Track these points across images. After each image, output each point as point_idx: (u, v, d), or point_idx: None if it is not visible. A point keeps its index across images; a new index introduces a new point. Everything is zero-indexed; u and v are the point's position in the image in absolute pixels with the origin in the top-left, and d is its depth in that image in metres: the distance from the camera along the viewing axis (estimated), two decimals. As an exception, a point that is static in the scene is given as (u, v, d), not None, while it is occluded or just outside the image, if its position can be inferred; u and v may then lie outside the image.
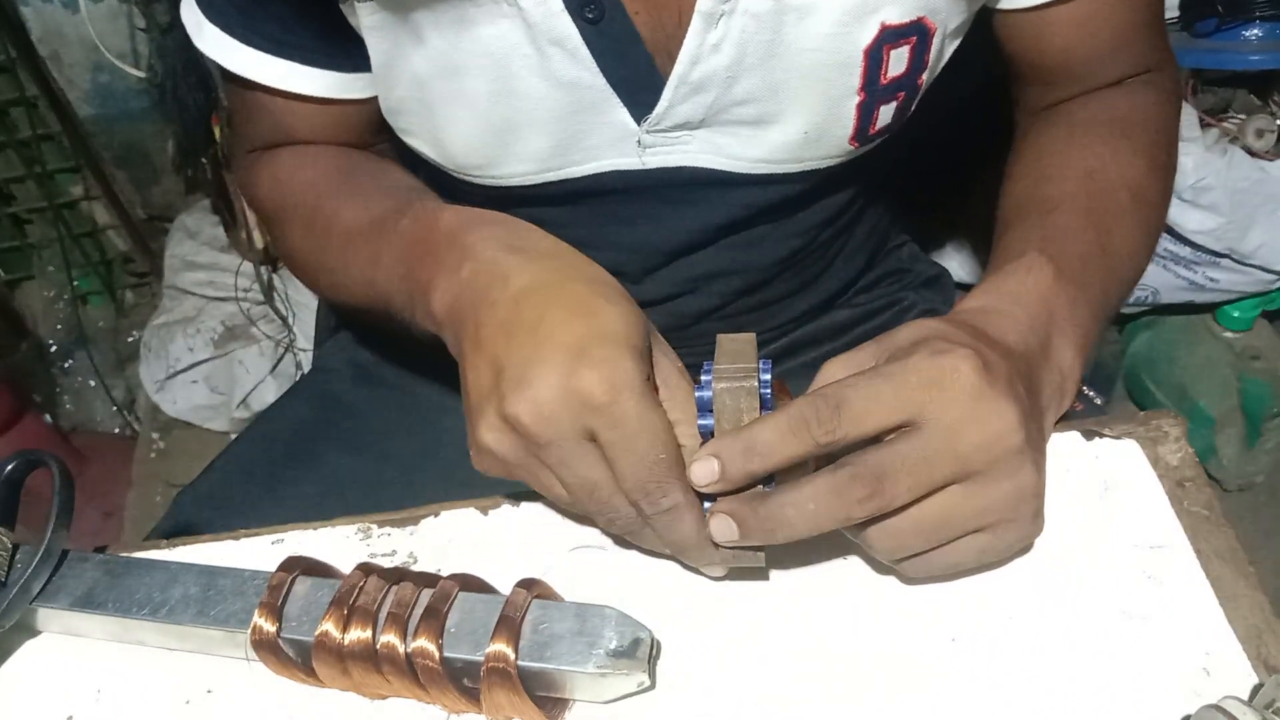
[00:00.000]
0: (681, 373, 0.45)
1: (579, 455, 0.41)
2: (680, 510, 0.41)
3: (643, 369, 0.41)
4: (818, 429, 0.38)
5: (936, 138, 0.68)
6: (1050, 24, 0.56)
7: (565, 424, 0.40)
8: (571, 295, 0.43)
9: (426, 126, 0.56)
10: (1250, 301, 1.39)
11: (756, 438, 0.39)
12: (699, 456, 0.40)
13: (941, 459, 0.39)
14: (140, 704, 0.45)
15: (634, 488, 0.41)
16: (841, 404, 0.39)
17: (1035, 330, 0.45)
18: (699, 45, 0.50)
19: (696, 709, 0.42)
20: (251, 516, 0.60)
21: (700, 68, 0.51)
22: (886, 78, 0.53)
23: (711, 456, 0.40)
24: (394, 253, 0.51)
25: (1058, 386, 0.46)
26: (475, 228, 0.48)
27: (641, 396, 0.40)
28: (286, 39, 0.57)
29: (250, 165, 0.66)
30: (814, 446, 0.39)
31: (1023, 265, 0.48)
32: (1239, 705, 0.36)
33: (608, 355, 0.40)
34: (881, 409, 0.39)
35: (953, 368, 0.39)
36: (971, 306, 0.47)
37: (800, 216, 0.64)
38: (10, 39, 1.47)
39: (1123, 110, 0.59)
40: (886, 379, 0.39)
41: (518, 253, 0.45)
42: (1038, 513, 0.43)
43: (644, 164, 0.56)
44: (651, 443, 0.40)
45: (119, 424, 1.71)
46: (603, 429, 0.40)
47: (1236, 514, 1.41)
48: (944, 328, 0.42)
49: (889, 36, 0.51)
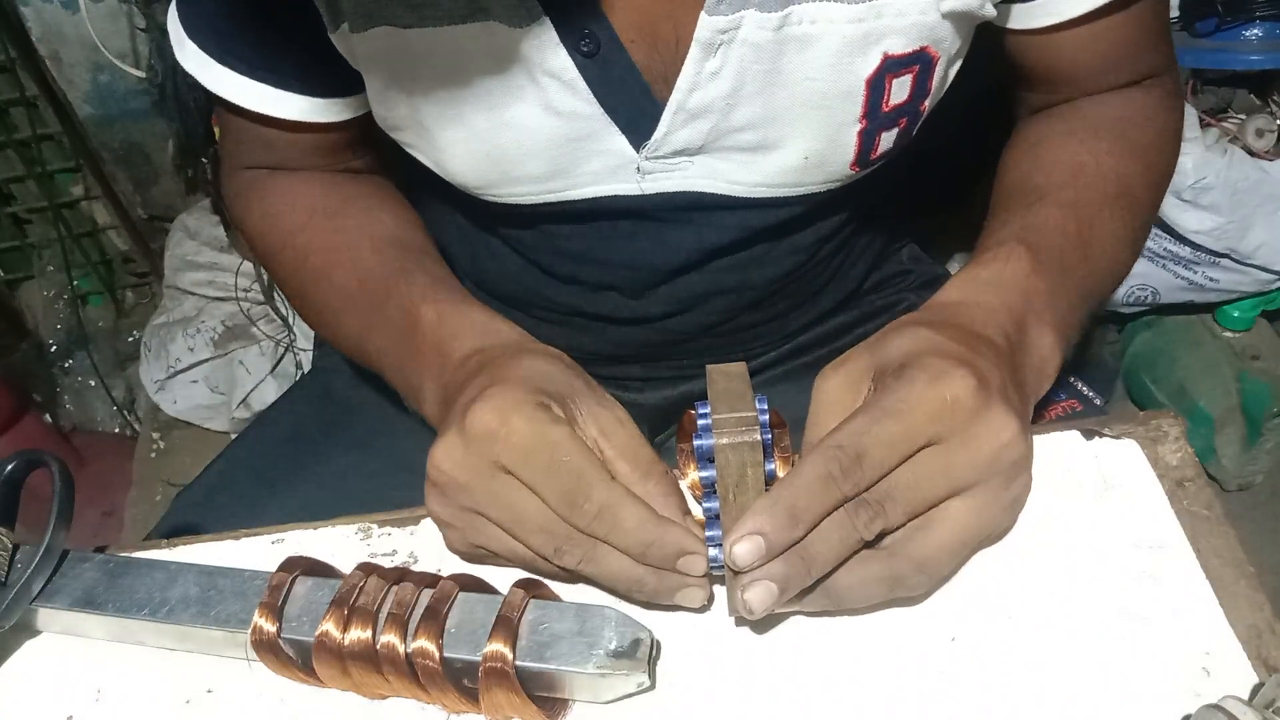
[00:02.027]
0: (621, 421, 0.46)
1: (497, 487, 0.43)
2: (612, 509, 0.41)
3: (537, 399, 0.43)
4: (845, 484, 0.40)
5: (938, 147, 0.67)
6: (1058, 42, 0.56)
7: (473, 461, 0.43)
8: (491, 369, 0.46)
9: (426, 146, 0.56)
10: (1250, 301, 1.38)
11: (794, 505, 0.39)
12: (738, 537, 0.39)
13: (947, 477, 0.41)
14: (140, 704, 0.45)
15: (556, 498, 0.42)
16: (862, 455, 0.40)
17: (1013, 318, 0.46)
18: (697, 73, 0.49)
19: (696, 709, 0.42)
20: (251, 516, 0.60)
21: (698, 95, 0.50)
22: (889, 106, 0.52)
23: (754, 534, 0.39)
24: (382, 339, 0.56)
25: (1038, 371, 0.47)
26: (452, 333, 0.51)
27: (531, 416, 0.42)
28: (264, 63, 0.57)
29: (240, 191, 0.66)
30: (843, 499, 0.40)
31: (1001, 254, 0.49)
32: (1239, 705, 0.36)
33: (496, 391, 0.44)
34: (897, 451, 0.40)
35: (954, 395, 0.41)
36: (951, 299, 0.48)
37: (799, 236, 0.63)
38: (10, 39, 1.47)
39: (1122, 111, 0.59)
40: (895, 419, 0.40)
41: (479, 353, 0.49)
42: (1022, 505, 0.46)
43: (643, 189, 0.56)
44: (553, 452, 0.42)
45: (119, 424, 1.71)
46: (503, 454, 0.42)
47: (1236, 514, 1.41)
48: (935, 339, 0.43)
49: (892, 66, 0.50)
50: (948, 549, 0.41)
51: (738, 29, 0.48)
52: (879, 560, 0.41)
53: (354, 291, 0.58)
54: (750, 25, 0.47)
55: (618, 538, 0.42)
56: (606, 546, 0.42)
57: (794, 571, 0.40)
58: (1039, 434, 0.48)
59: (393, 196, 0.66)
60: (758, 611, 0.40)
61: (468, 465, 0.43)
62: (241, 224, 0.67)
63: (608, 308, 0.65)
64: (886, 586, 0.41)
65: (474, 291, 0.72)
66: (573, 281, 0.65)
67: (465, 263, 0.71)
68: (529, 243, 0.64)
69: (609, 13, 0.49)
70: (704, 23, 0.47)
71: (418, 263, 0.58)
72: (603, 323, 0.67)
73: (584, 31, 0.49)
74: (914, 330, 0.44)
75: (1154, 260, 1.34)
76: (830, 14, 0.47)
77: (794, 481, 0.40)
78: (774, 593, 0.39)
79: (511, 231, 0.64)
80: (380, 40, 0.50)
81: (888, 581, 0.41)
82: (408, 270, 0.57)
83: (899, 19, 0.48)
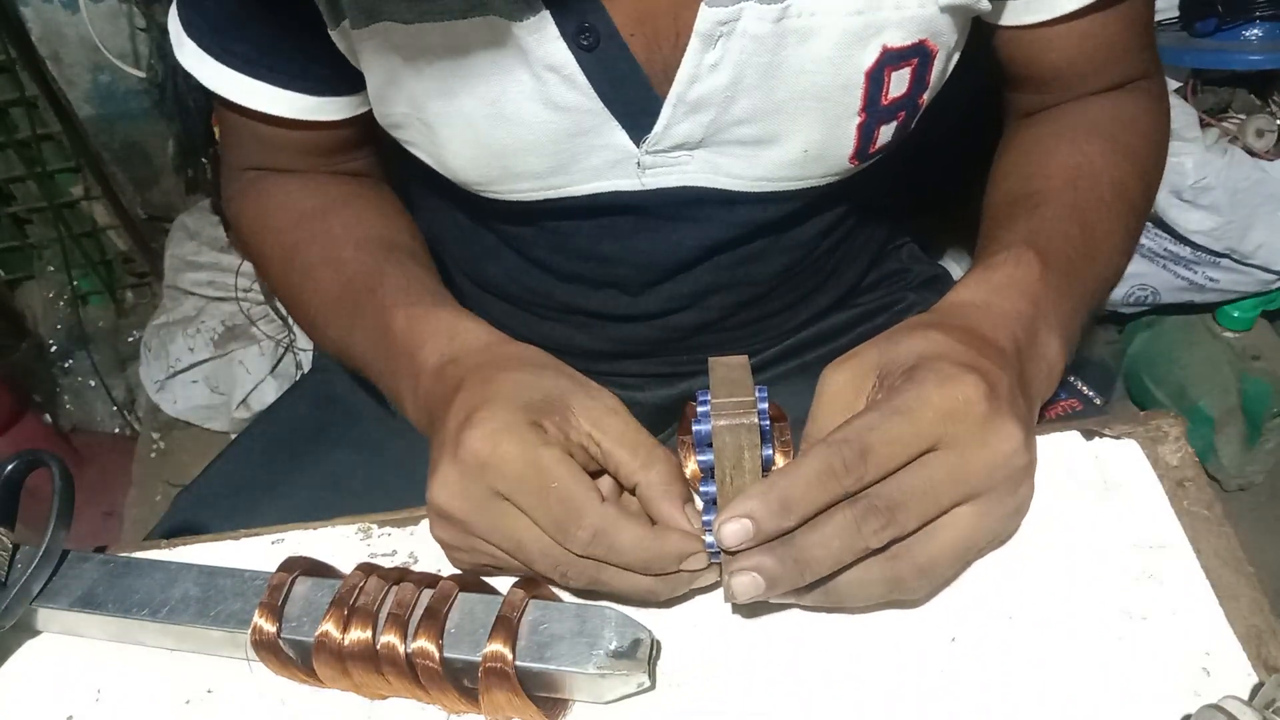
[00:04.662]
0: (613, 410, 0.45)
1: (496, 516, 0.43)
2: (606, 533, 0.41)
3: (527, 418, 0.43)
4: (847, 478, 0.39)
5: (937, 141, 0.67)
6: (1049, 39, 0.57)
7: (470, 491, 0.43)
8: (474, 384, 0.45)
9: (427, 143, 0.56)
10: (1250, 301, 1.38)
11: (790, 494, 0.39)
12: (728, 517, 0.39)
13: (953, 485, 0.40)
14: (140, 704, 0.45)
15: (549, 525, 0.42)
16: (866, 451, 0.39)
17: (1023, 324, 0.46)
18: (697, 65, 0.50)
19: (696, 709, 0.42)
20: (251, 516, 0.60)
21: (698, 87, 0.51)
22: (887, 99, 0.52)
23: (743, 517, 0.39)
24: (362, 343, 0.55)
25: (1045, 375, 0.47)
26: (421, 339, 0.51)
27: (522, 439, 0.42)
28: (264, 61, 0.57)
29: (237, 193, 0.66)
30: (843, 494, 0.40)
31: (1011, 257, 0.49)
32: (1239, 705, 0.36)
33: (484, 415, 0.43)
34: (903, 449, 0.40)
35: (965, 399, 0.40)
36: (962, 300, 0.48)
37: (799, 231, 0.63)
38: (10, 39, 1.47)
39: (1112, 114, 0.59)
40: (904, 418, 0.40)
41: (453, 364, 0.48)
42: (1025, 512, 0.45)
43: (643, 185, 0.56)
44: (542, 477, 0.41)
45: (119, 424, 1.71)
46: (497, 480, 0.42)
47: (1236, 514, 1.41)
48: (946, 342, 0.43)
49: (890, 59, 0.50)
50: (950, 555, 0.41)
51: (737, 20, 0.48)
52: (880, 563, 0.41)
53: (337, 294, 0.58)
54: (750, 17, 0.48)
55: (616, 559, 0.42)
56: (610, 566, 0.42)
57: (786, 571, 0.39)
58: (1039, 434, 0.48)
59: (384, 198, 0.66)
60: (740, 599, 0.40)
61: (465, 496, 0.43)
62: (237, 225, 0.67)
63: (608, 304, 0.66)
64: (886, 588, 0.41)
65: (474, 290, 0.72)
66: (573, 279, 0.65)
67: (465, 262, 0.71)
68: (529, 240, 0.64)
69: (608, 6, 0.49)
70: (704, 14, 0.48)
71: (397, 264, 0.57)
72: (603, 319, 0.67)
73: (583, 25, 0.49)
74: (925, 332, 0.44)
75: (1154, 260, 1.34)
76: (830, 6, 0.48)
77: (793, 471, 0.39)
78: (760, 584, 0.39)
79: (512, 229, 0.64)
80: (380, 36, 0.51)
81: (888, 584, 0.41)
82: (385, 272, 0.56)
83: (898, 12, 0.49)
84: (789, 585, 0.40)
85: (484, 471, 0.42)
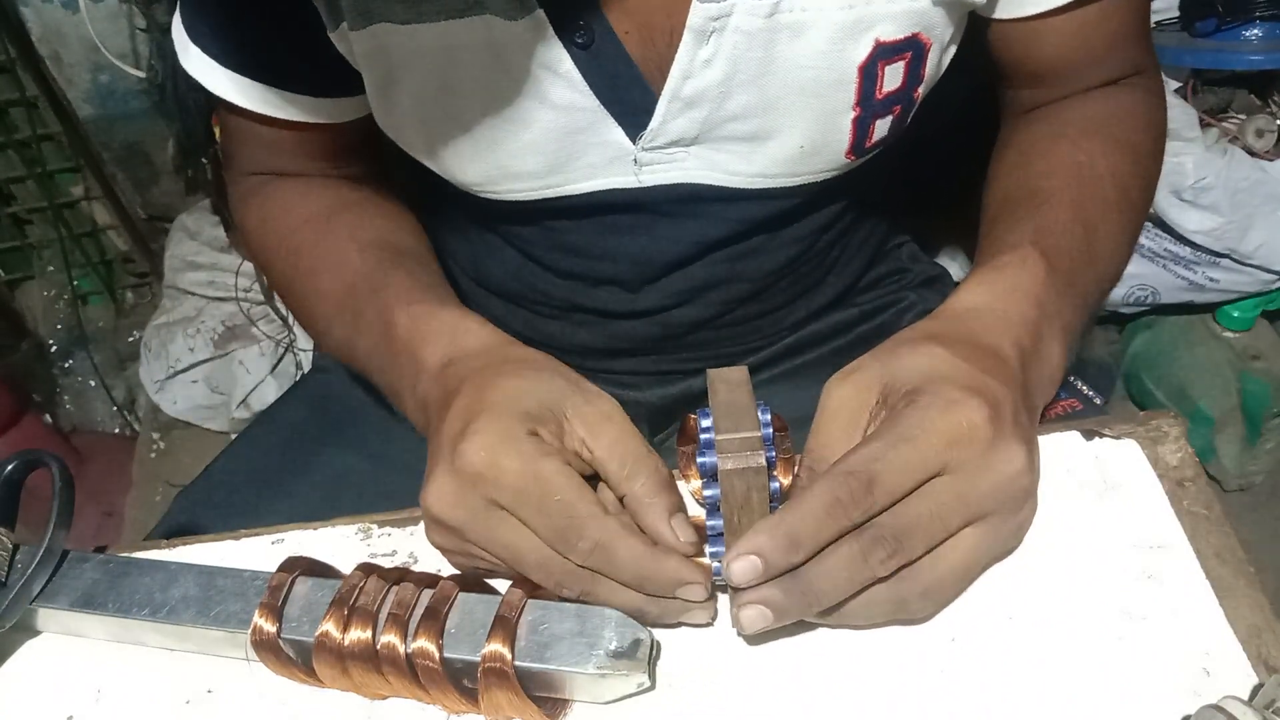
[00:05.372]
0: (608, 415, 0.45)
1: (492, 525, 0.43)
2: (605, 546, 0.41)
3: (526, 427, 0.43)
4: (855, 510, 0.39)
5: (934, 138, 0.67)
6: (1043, 32, 0.56)
7: (467, 500, 0.42)
8: (471, 391, 0.45)
9: (425, 145, 0.56)
10: (1250, 301, 1.38)
11: (798, 529, 0.39)
12: (736, 554, 0.39)
13: (959, 510, 0.41)
14: (140, 704, 0.45)
15: (550, 536, 0.42)
16: (873, 482, 0.39)
17: (1028, 329, 0.46)
18: (690, 61, 0.50)
19: (696, 709, 0.42)
20: (251, 516, 0.60)
21: (692, 83, 0.51)
22: (882, 93, 0.52)
23: (752, 554, 0.39)
24: (365, 344, 0.56)
25: (1048, 380, 0.47)
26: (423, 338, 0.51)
27: (521, 451, 0.42)
28: (266, 64, 0.57)
29: (242, 197, 0.66)
30: (850, 526, 0.39)
31: (1016, 258, 0.49)
32: (1239, 705, 0.36)
33: (482, 425, 0.43)
34: (909, 478, 0.40)
35: (969, 425, 0.40)
36: (966, 306, 0.47)
37: (797, 227, 0.63)
38: (10, 39, 1.47)
39: (1111, 110, 0.59)
40: (910, 446, 0.40)
41: (452, 366, 0.48)
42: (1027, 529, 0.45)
43: (641, 182, 0.56)
44: (544, 489, 0.41)
45: (119, 424, 1.71)
46: (494, 491, 0.42)
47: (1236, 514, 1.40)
48: (948, 361, 0.43)
49: (884, 53, 0.51)
50: (955, 576, 0.42)
51: (729, 16, 0.48)
52: (886, 587, 0.41)
53: (340, 296, 0.58)
54: (742, 12, 0.48)
55: (613, 572, 0.42)
56: (606, 579, 0.42)
57: (793, 603, 0.39)
58: (1039, 434, 0.48)
59: (388, 201, 0.66)
60: (749, 631, 0.40)
61: (461, 505, 0.43)
62: (242, 229, 0.67)
63: (607, 301, 0.66)
64: (891, 610, 0.41)
65: (474, 289, 0.72)
66: (572, 276, 0.65)
67: (465, 262, 0.71)
68: (528, 239, 0.64)
69: (603, 4, 0.50)
70: (696, 10, 0.48)
71: (400, 265, 0.57)
72: (602, 317, 0.67)
73: (579, 24, 0.49)
74: (928, 349, 0.44)
75: (1154, 260, 1.34)
76: (821, 1, 0.48)
77: (801, 505, 0.39)
78: (768, 617, 0.40)
79: (511, 228, 0.64)
80: (378, 37, 0.51)
81: (893, 606, 0.41)
82: (389, 274, 0.56)
83: (890, 5, 0.49)
84: (797, 616, 0.40)
85: (480, 482, 0.42)
